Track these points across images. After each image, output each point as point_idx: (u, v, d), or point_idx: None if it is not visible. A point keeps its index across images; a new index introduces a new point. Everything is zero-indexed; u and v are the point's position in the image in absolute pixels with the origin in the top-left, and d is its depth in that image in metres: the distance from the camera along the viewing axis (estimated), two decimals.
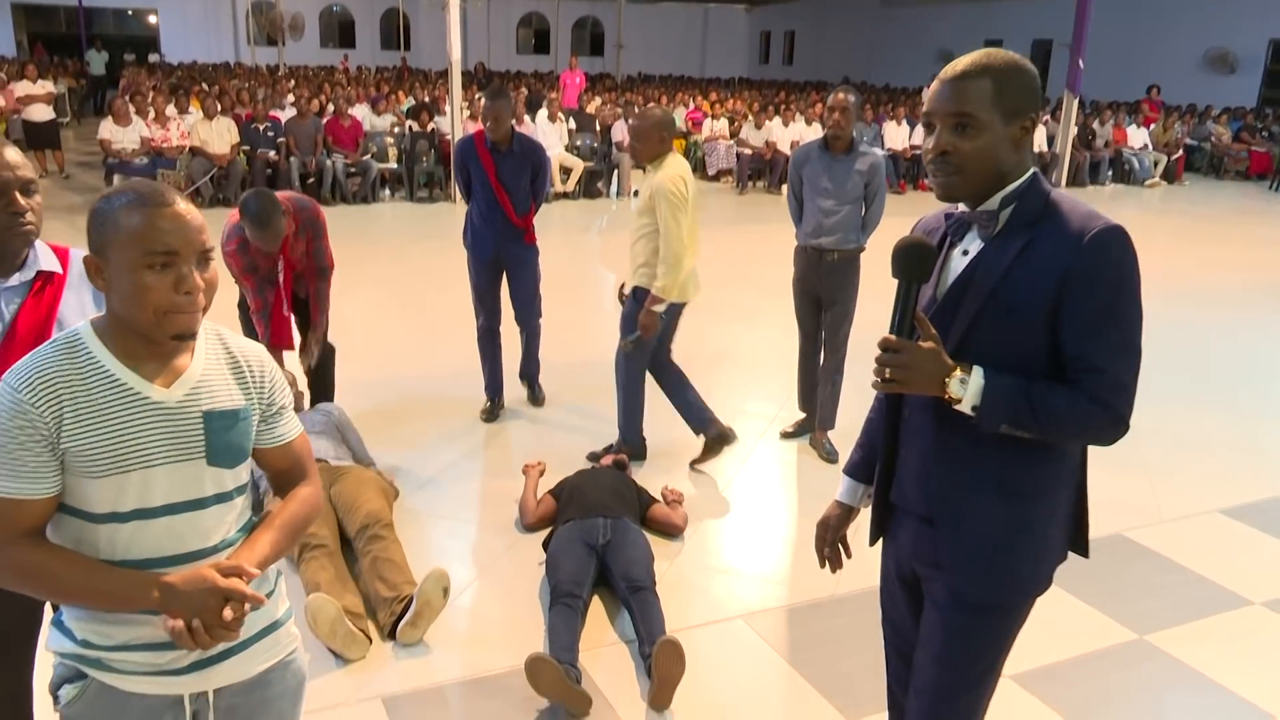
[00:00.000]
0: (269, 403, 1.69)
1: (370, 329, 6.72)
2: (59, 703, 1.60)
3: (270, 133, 11.65)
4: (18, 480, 1.47)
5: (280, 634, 1.73)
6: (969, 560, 1.80)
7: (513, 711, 2.91)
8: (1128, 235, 1.66)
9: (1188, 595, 3.70)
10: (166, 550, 1.55)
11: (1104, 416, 1.66)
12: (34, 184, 1.96)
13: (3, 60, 24.46)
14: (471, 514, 4.20)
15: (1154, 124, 17.32)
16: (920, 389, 1.70)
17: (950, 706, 1.89)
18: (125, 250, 1.49)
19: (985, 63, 1.70)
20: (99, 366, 1.52)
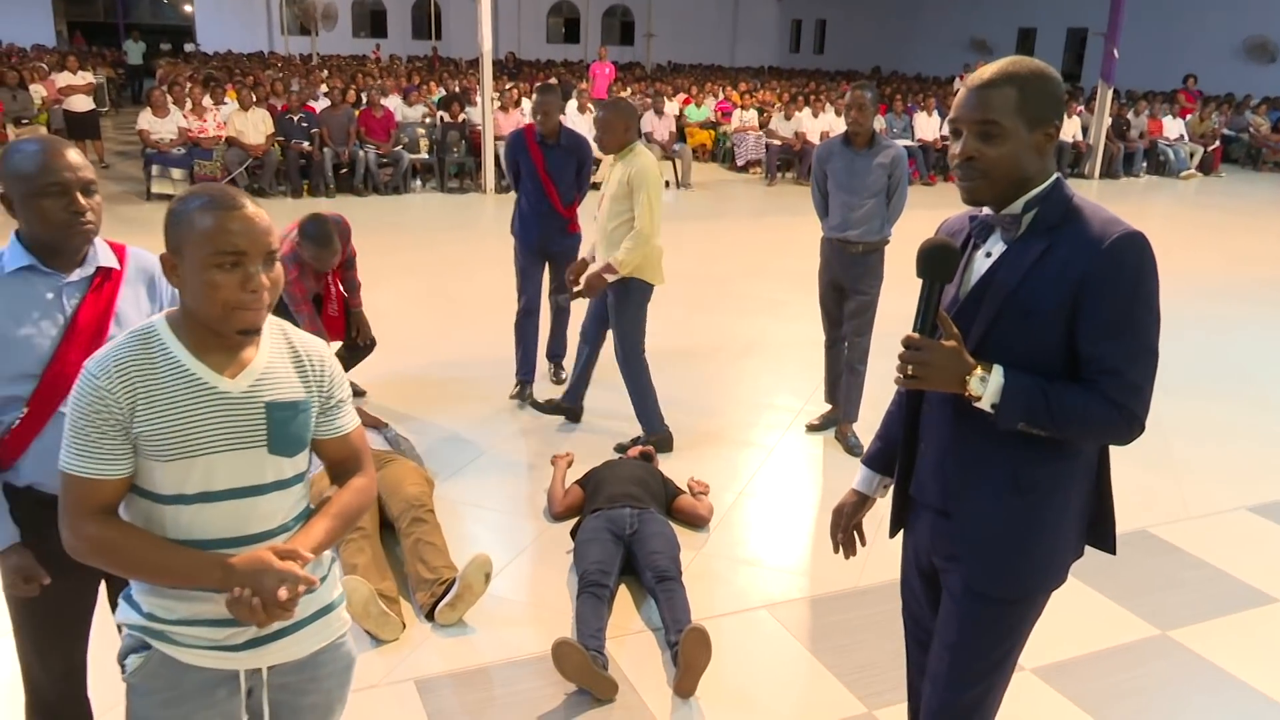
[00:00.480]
0: (328, 395, 1.77)
1: (401, 318, 6.82)
2: (125, 671, 1.70)
3: (304, 123, 11.79)
4: (94, 461, 1.58)
5: (331, 617, 1.81)
6: (983, 553, 1.85)
7: (541, 694, 2.99)
8: (1146, 241, 1.71)
9: (1211, 591, 3.72)
10: (227, 532, 1.64)
11: (1119, 417, 1.70)
12: (94, 184, 2.05)
13: (44, 50, 24.89)
14: (500, 503, 4.29)
15: (1190, 114, 17.12)
16: (941, 386, 1.75)
17: (963, 694, 1.94)
18: (197, 249, 1.58)
19: (1011, 71, 1.74)
20: (171, 357, 1.62)
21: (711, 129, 16.52)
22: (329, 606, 1.81)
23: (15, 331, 1.99)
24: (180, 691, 1.68)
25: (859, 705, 3.01)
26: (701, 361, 6.19)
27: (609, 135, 4.57)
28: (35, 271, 2.03)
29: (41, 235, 2.01)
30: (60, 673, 2.25)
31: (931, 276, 1.79)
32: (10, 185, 2.00)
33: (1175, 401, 5.70)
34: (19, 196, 1.99)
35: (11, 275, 2.01)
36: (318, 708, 1.83)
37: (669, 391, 5.65)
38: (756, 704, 3.01)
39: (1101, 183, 15.19)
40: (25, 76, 13.73)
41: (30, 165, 1.97)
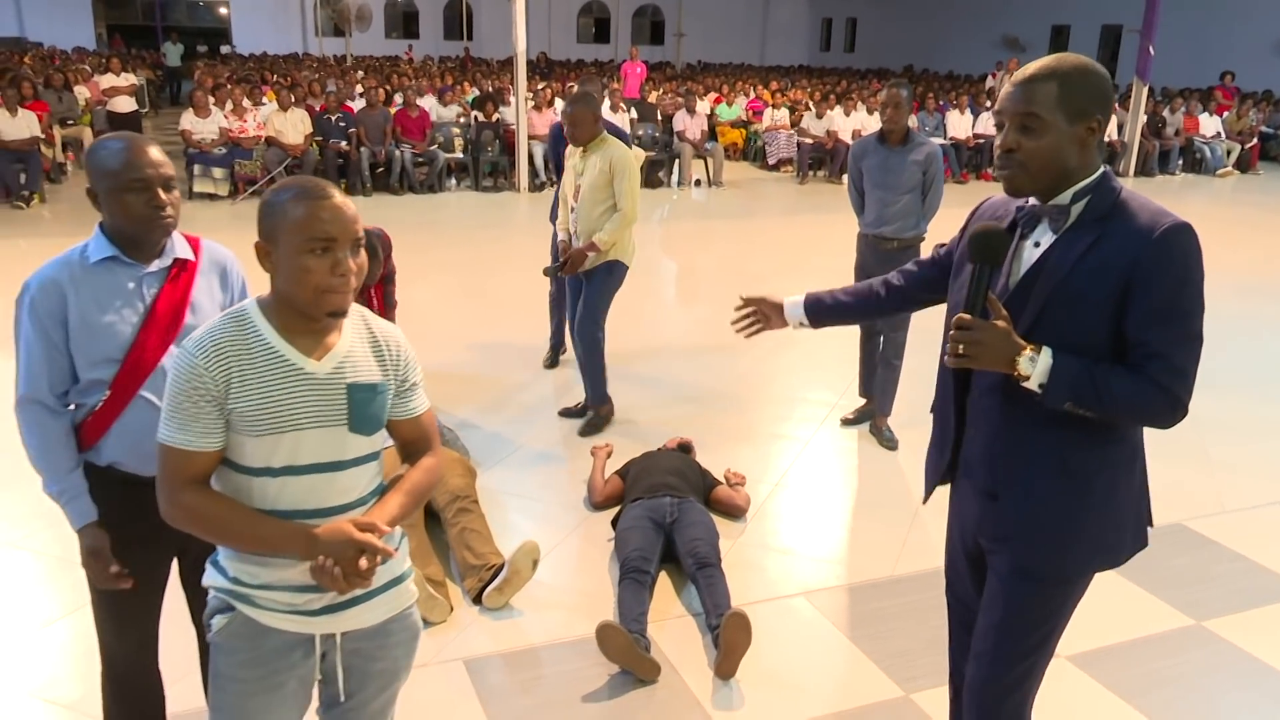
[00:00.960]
0: (403, 379, 1.88)
1: (438, 314, 6.95)
2: (211, 630, 1.81)
3: (342, 124, 11.98)
4: (190, 434, 1.69)
5: (401, 589, 1.91)
6: (1031, 534, 1.92)
7: (586, 675, 3.08)
8: (1194, 232, 1.77)
9: (1246, 584, 3.75)
10: (309, 504, 1.74)
11: (1164, 400, 1.77)
12: (174, 180, 2.16)
13: (85, 52, 25.36)
14: (541, 492, 4.38)
15: (1227, 111, 16.94)
16: (991, 365, 1.82)
17: (1008, 671, 2.00)
18: (290, 237, 1.68)
19: (1054, 67, 1.81)
20: (262, 339, 1.73)
21: (743, 128, 16.56)
22: (399, 578, 1.91)
23: (100, 318, 2.10)
24: (261, 653, 1.79)
25: (896, 689, 3.08)
26: (737, 357, 6.27)
27: (581, 128, 4.78)
28: (118, 262, 2.14)
29: (125, 228, 2.12)
30: (135, 644, 2.36)
31: (982, 260, 1.86)
32: (96, 180, 2.11)
33: (1212, 398, 5.69)
34: (104, 191, 2.10)
35: (96, 265, 2.12)
36: (385, 673, 1.93)
37: (706, 386, 5.76)
38: (795, 687, 3.08)
39: (1136, 180, 15.08)
40: (69, 78, 14.04)
41: (115, 162, 2.08)
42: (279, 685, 1.81)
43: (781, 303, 2.37)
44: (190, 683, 2.60)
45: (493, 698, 2.97)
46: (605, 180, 4.77)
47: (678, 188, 13.61)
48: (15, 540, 3.79)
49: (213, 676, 1.83)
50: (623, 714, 2.92)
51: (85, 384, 2.13)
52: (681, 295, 8.22)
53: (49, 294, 2.09)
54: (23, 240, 9.00)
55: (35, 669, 3.05)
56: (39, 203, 10.70)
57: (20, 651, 3.13)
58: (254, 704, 1.80)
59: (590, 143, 4.83)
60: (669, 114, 14.28)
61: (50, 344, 2.09)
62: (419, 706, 2.88)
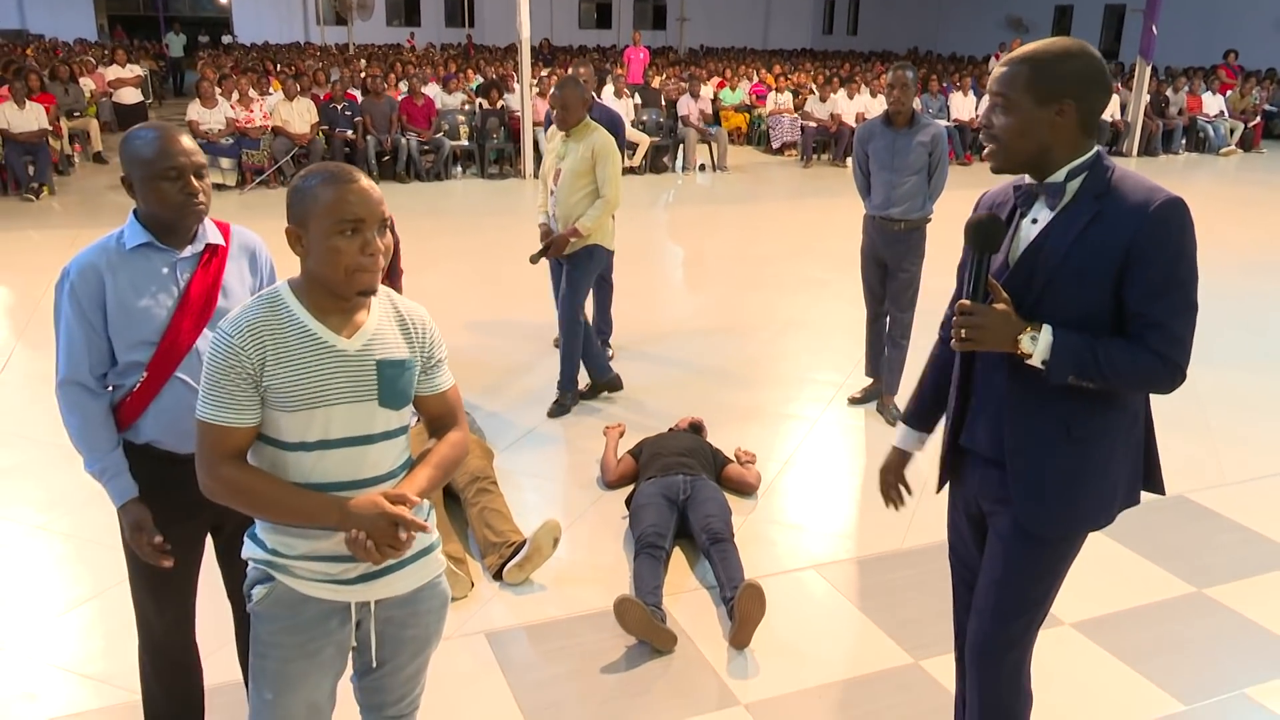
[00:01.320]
0: (429, 356, 1.96)
1: (448, 300, 7.03)
2: (251, 600, 1.89)
3: (348, 112, 12.03)
4: (228, 411, 1.77)
5: (430, 558, 1.99)
6: (1038, 497, 2.01)
7: (604, 646, 3.17)
8: (1187, 207, 1.86)
9: (1247, 552, 3.83)
10: (343, 476, 1.82)
11: (1164, 368, 1.86)
12: (205, 168, 2.24)
13: (86, 44, 25.39)
14: (556, 473, 4.47)
15: (1230, 90, 16.92)
16: (995, 346, 1.92)
17: (1008, 626, 2.10)
18: (320, 220, 1.76)
19: (1032, 51, 1.92)
20: (295, 319, 1.80)
21: (746, 112, 16.58)
22: (428, 548, 1.99)
23: (136, 303, 2.17)
24: (300, 620, 1.87)
25: (905, 656, 3.16)
26: (746, 338, 6.34)
27: (570, 111, 4.85)
28: (152, 248, 2.21)
29: (159, 214, 2.19)
30: (172, 618, 2.45)
31: (980, 248, 1.96)
32: (131, 169, 2.18)
33: (1215, 373, 5.78)
34: (138, 179, 2.17)
35: (132, 251, 2.19)
36: (417, 640, 2.01)
37: (716, 367, 5.84)
38: (808, 655, 3.17)
39: (1140, 160, 15.10)
40: (74, 70, 14.10)
41: (149, 151, 2.15)
42: (317, 651, 1.90)
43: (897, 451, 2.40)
44: (226, 655, 2.69)
45: (514, 668, 3.07)
46: (587, 166, 4.84)
47: (682, 172, 13.66)
48: (41, 524, 3.89)
49: (253, 644, 1.91)
50: (641, 682, 3.01)
51: (123, 366, 2.20)
52: (689, 279, 8.29)
53: (88, 279, 2.15)
54: (34, 232, 9.08)
55: (66, 646, 3.15)
56: (48, 194, 10.78)
57: (51, 629, 3.23)
58: (294, 669, 1.89)
59: (575, 127, 4.89)
60: (672, 99, 14.30)
61: (89, 327, 2.16)
62: (443, 677, 2.97)
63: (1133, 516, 4.14)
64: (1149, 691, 2.99)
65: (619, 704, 2.91)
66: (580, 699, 2.93)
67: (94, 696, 2.90)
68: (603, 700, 2.93)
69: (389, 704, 2.07)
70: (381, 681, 2.03)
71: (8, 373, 5.54)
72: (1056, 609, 3.34)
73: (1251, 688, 3.00)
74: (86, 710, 2.85)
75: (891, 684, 3.03)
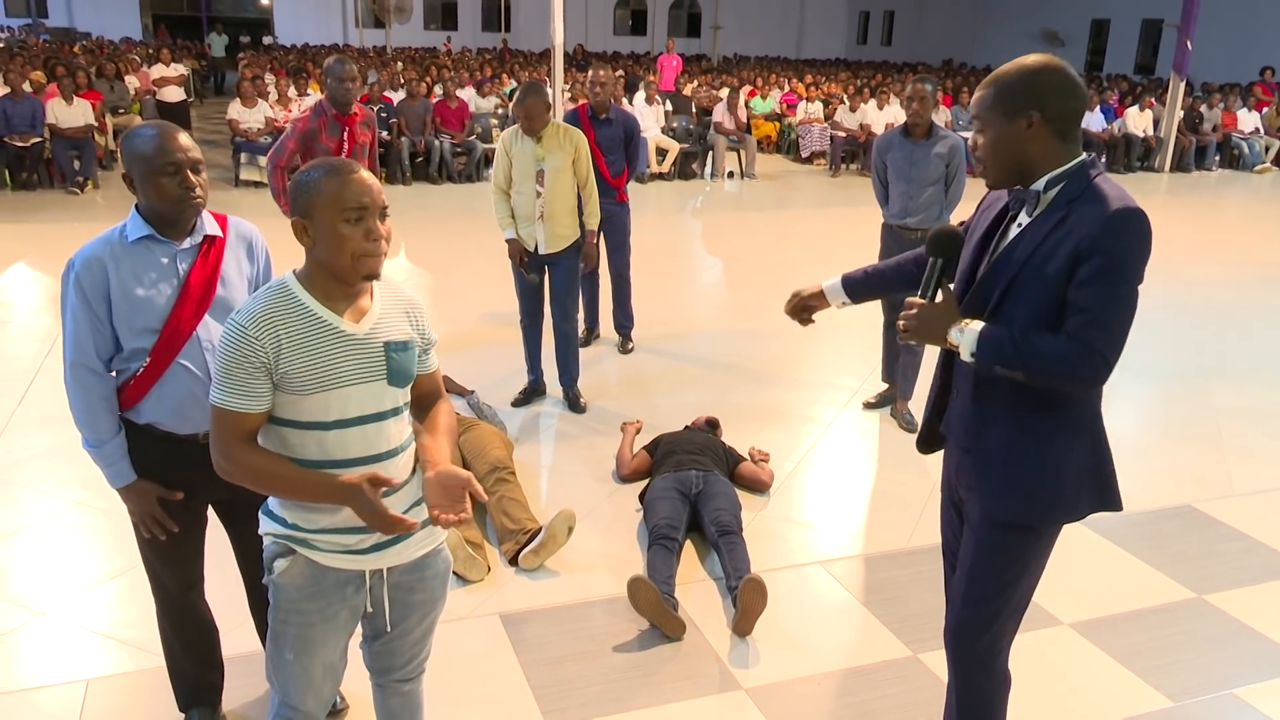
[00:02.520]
0: (425, 337, 2.11)
1: (477, 298, 7.19)
2: (273, 573, 2.03)
3: (383, 114, 12.25)
4: (242, 398, 1.90)
5: (434, 528, 2.14)
6: (995, 485, 2.14)
7: (615, 629, 3.30)
8: (1144, 218, 1.95)
9: (1249, 561, 3.89)
10: (360, 452, 1.97)
11: (1081, 352, 1.92)
12: (202, 163, 2.36)
13: (131, 43, 25.91)
14: (573, 466, 4.61)
15: (1267, 107, 16.79)
16: (927, 339, 2.09)
17: (978, 613, 2.22)
18: (326, 209, 1.89)
19: (996, 75, 2.06)
20: (304, 307, 1.94)
21: (776, 120, 16.68)
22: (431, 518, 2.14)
23: (138, 292, 2.31)
24: (320, 588, 2.02)
25: (904, 649, 3.27)
26: (766, 342, 6.46)
27: (538, 119, 4.89)
28: (153, 240, 2.34)
29: (158, 208, 2.31)
30: (182, 584, 2.61)
31: (936, 253, 2.12)
32: (132, 165, 2.31)
33: (1231, 387, 5.83)
34: (139, 175, 2.30)
35: (134, 244, 2.33)
36: (425, 603, 2.16)
37: (736, 368, 5.97)
38: (808, 645, 3.28)
39: (1172, 176, 15.04)
40: (120, 68, 14.45)
41: (149, 148, 2.28)
42: (334, 616, 2.04)
43: (821, 289, 2.56)
44: (246, 630, 2.86)
45: (526, 648, 3.20)
46: (570, 161, 4.98)
47: (710, 179, 13.78)
48: (80, 500, 4.07)
49: (274, 611, 2.05)
50: (650, 665, 3.14)
51: (128, 352, 2.34)
52: (714, 282, 8.40)
53: (92, 270, 2.29)
54: (80, 225, 9.36)
55: (104, 613, 3.32)
56: (92, 188, 11.10)
57: (90, 598, 3.41)
58: (313, 633, 2.04)
59: (544, 129, 4.96)
60: (704, 106, 14.42)
61: (94, 315, 2.29)
62: (458, 656, 3.12)
63: (1137, 523, 4.24)
64: (1139, 688, 3.08)
65: (626, 684, 3.04)
66: (589, 678, 3.06)
67: (130, 660, 3.07)
68: (611, 680, 3.05)
69: (397, 667, 2.22)
70: (391, 645, 2.18)
71: (54, 357, 5.76)
72: (1056, 610, 3.47)
73: (1241, 688, 3.08)
74: (124, 671, 3.02)
75: (889, 675, 3.14)
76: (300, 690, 2.07)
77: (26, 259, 8.09)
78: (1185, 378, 6.05)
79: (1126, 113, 15.60)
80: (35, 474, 4.31)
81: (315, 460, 1.95)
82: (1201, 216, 11.80)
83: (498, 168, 5.07)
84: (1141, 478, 4.57)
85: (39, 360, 5.70)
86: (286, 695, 2.08)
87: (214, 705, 2.75)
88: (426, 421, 2.14)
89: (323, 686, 2.09)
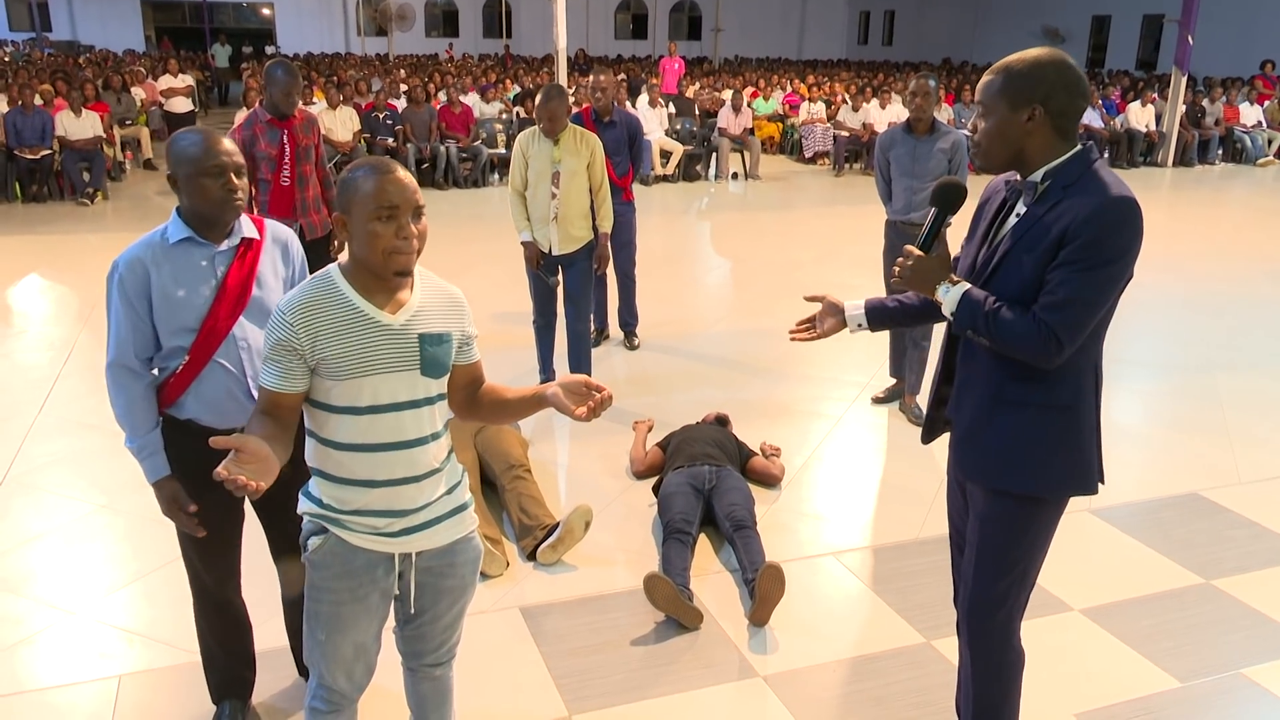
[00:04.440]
0: (463, 332, 2.18)
1: (485, 302, 7.25)
2: (307, 550, 2.10)
3: (389, 121, 12.35)
4: (280, 378, 1.99)
5: (465, 515, 2.21)
6: (980, 449, 2.22)
7: (633, 622, 3.37)
8: (1136, 207, 2.01)
9: (1257, 547, 3.94)
10: (390, 438, 2.04)
11: (1037, 331, 2.01)
12: (244, 168, 2.46)
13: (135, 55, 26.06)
14: (587, 463, 4.67)
15: (1269, 101, 16.82)
16: (917, 288, 2.21)
17: (989, 589, 2.28)
18: (361, 207, 1.97)
19: (1006, 63, 2.11)
20: (344, 298, 2.02)
21: (779, 121, 16.75)
22: (462, 506, 2.21)
23: (178, 293, 2.39)
24: (351, 568, 2.09)
25: (917, 636, 3.33)
26: (775, 340, 6.52)
27: (558, 121, 5.01)
28: (193, 242, 2.43)
29: (200, 209, 2.40)
30: (219, 577, 2.68)
31: (940, 206, 2.22)
32: (177, 167, 2.40)
33: (1237, 378, 5.88)
34: (184, 177, 2.39)
35: (174, 246, 2.42)
36: (454, 590, 2.23)
37: (745, 365, 6.03)
38: (824, 633, 3.34)
39: (1175, 171, 15.08)
40: (126, 80, 14.57)
41: (195, 150, 2.38)
42: (365, 597, 2.11)
43: (842, 304, 2.56)
44: (277, 623, 2.93)
45: (546, 640, 3.27)
46: (585, 164, 5.09)
47: (715, 181, 13.85)
48: (104, 504, 4.15)
49: (309, 589, 2.13)
50: (668, 655, 3.20)
51: (167, 350, 2.43)
52: (720, 281, 8.47)
53: (134, 271, 2.38)
54: (92, 235, 9.46)
55: (134, 612, 3.39)
56: (102, 199, 11.19)
57: (119, 598, 3.48)
58: (345, 611, 2.11)
59: (562, 133, 5.07)
60: (706, 109, 14.49)
61: (135, 315, 2.38)
62: (481, 647, 3.19)
63: (1145, 511, 4.30)
64: (1148, 670, 3.14)
65: (646, 673, 3.10)
66: (609, 668, 3.12)
67: (161, 657, 3.14)
68: (630, 670, 3.12)
69: (428, 651, 2.28)
70: (422, 630, 2.25)
71: (70, 365, 5.85)
72: (1065, 595, 3.53)
73: (1248, 669, 3.14)
74: (155, 668, 3.09)
75: (903, 661, 3.20)
76: (331, 669, 2.14)
77: (40, 270, 8.19)
78: (1192, 370, 6.10)
79: (1128, 108, 15.66)
80: (58, 479, 4.39)
81: (348, 443, 2.03)
82: (1205, 211, 11.83)
83: (514, 170, 5.16)
84: (1150, 467, 4.63)
85: (56, 368, 5.78)
86: (320, 675, 2.16)
87: (244, 698, 2.82)
88: (491, 392, 2.25)
89: (354, 667, 2.16)
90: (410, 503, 2.08)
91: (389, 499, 2.06)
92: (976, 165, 2.21)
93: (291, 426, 2.03)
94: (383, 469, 2.05)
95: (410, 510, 2.09)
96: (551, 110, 4.98)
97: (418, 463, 2.08)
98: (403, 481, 2.07)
